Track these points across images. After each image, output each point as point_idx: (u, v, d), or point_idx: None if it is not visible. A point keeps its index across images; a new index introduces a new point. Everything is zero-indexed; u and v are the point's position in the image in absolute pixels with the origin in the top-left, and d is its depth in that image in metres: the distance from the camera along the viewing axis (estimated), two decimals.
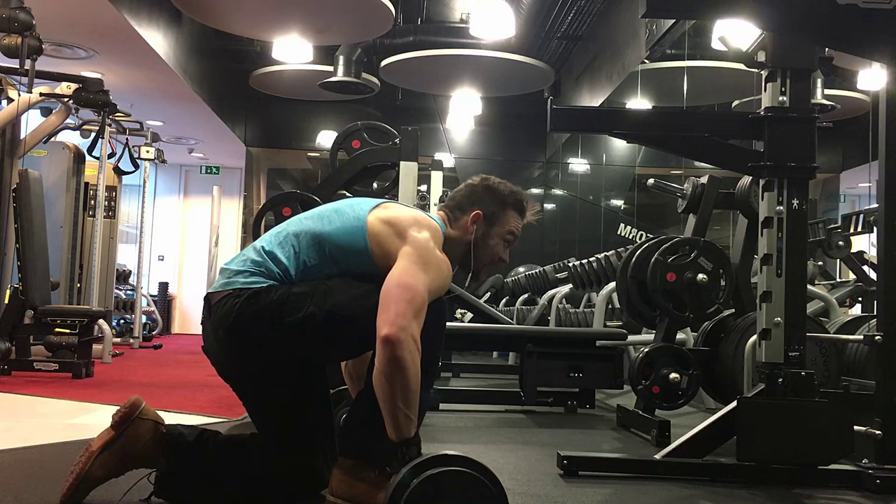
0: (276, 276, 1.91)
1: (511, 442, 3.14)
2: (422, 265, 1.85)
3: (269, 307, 1.87)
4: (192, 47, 7.96)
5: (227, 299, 1.90)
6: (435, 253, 1.91)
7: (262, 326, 1.88)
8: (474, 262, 2.11)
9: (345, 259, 1.93)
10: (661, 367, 3.28)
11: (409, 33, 7.73)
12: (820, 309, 4.30)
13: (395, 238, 1.90)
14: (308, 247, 1.94)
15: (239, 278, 1.92)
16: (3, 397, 3.98)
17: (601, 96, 7.64)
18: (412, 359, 1.72)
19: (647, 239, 3.83)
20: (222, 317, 1.90)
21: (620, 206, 9.79)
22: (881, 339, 2.44)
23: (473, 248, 2.09)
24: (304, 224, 1.99)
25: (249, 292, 1.88)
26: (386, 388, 1.72)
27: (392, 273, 1.83)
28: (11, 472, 2.31)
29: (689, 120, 3.17)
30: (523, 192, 2.16)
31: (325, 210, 2.03)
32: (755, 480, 2.46)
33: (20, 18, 4.69)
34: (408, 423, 1.73)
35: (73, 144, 7.06)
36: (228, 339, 1.91)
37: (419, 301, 1.79)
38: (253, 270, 1.93)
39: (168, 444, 1.97)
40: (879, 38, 2.44)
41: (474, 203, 2.09)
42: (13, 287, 5.19)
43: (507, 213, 2.11)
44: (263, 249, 1.97)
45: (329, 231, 1.95)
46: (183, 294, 11.80)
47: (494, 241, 2.11)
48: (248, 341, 1.91)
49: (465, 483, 1.59)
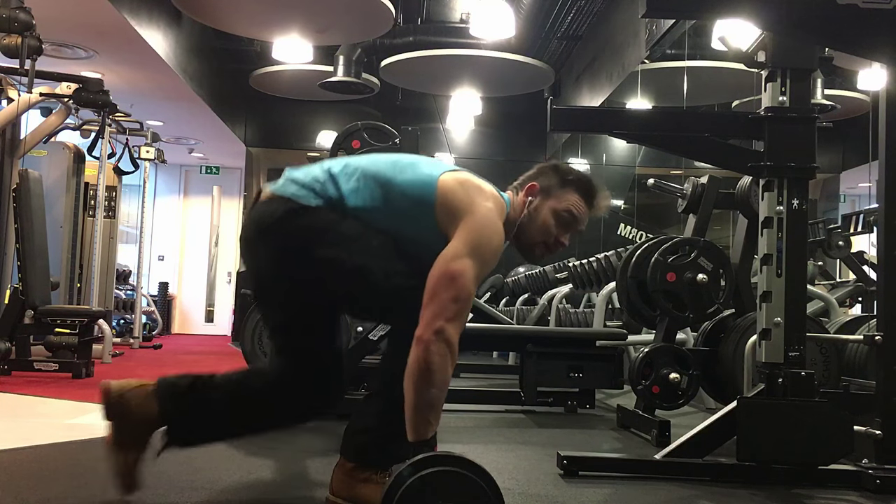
0: (330, 199, 1.89)
1: (511, 442, 3.14)
2: (476, 246, 1.80)
3: (308, 229, 1.85)
4: (192, 47, 7.96)
5: (275, 201, 1.89)
6: (495, 225, 1.86)
7: (293, 243, 1.87)
8: (523, 234, 2.03)
9: (406, 210, 1.89)
10: (661, 367, 3.28)
11: (409, 33, 7.73)
12: (820, 309, 4.30)
13: (463, 199, 1.86)
14: (373, 188, 1.90)
15: (293, 187, 1.90)
16: (3, 397, 3.98)
17: (601, 96, 7.63)
18: (441, 363, 1.71)
19: (647, 239, 3.83)
20: (261, 215, 1.90)
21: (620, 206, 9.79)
22: (881, 339, 2.44)
23: (523, 220, 2.02)
24: (377, 165, 1.95)
25: (298, 205, 1.87)
26: (412, 386, 1.72)
27: (446, 253, 1.79)
28: (11, 472, 2.31)
29: (689, 120, 3.17)
30: (592, 179, 2.08)
31: (402, 160, 1.98)
32: (755, 480, 2.46)
33: (20, 18, 4.69)
34: (426, 426, 1.73)
35: (73, 144, 7.06)
36: (257, 238, 1.92)
37: (465, 296, 1.75)
38: (311, 185, 1.90)
39: (160, 395, 1.96)
40: (879, 38, 2.44)
41: (536, 178, 2.05)
42: (13, 287, 5.19)
43: (565, 190, 2.03)
44: (330, 171, 1.94)
45: (400, 180, 1.91)
46: (183, 294, 11.80)
47: (546, 215, 2.02)
48: (274, 250, 1.90)
49: (460, 483, 1.59)
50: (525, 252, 2.08)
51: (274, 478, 2.38)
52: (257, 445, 1.86)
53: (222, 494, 2.09)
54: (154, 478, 2.22)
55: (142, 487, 1.97)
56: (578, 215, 2.04)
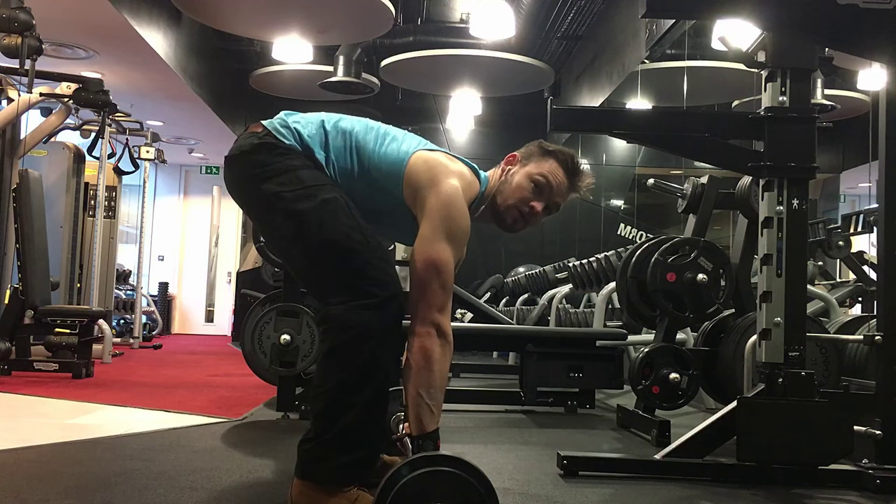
0: (309, 147, 1.91)
1: (511, 442, 3.14)
2: (446, 228, 1.83)
3: (266, 163, 1.88)
4: (192, 47, 7.96)
5: (256, 134, 1.93)
6: (457, 203, 1.87)
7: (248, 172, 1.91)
8: (500, 198, 2.03)
9: (378, 181, 1.93)
10: (661, 367, 3.28)
11: (409, 33, 7.73)
12: (820, 309, 4.30)
13: (425, 177, 1.89)
14: (353, 152, 1.94)
15: (280, 124, 1.95)
16: (3, 397, 3.98)
17: (601, 96, 7.63)
18: (441, 355, 1.76)
19: (647, 239, 3.83)
20: (240, 143, 1.95)
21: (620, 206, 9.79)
22: (881, 339, 2.44)
23: (499, 185, 2.04)
24: (364, 133, 1.97)
25: (271, 141, 1.90)
26: (412, 379, 1.75)
27: (422, 239, 1.83)
28: (12, 472, 2.30)
29: (689, 120, 3.16)
30: (575, 156, 2.09)
31: (388, 133, 2.00)
32: (755, 480, 2.46)
33: (20, 18, 4.69)
34: (430, 417, 1.75)
35: (73, 144, 7.06)
36: (228, 162, 1.96)
37: (450, 283, 1.81)
38: (297, 129, 1.93)
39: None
40: (879, 38, 2.44)
41: (517, 151, 2.09)
42: (13, 287, 5.19)
43: (543, 157, 2.04)
44: (324, 124, 1.97)
45: (377, 151, 1.94)
46: (183, 294, 11.80)
47: (521, 178, 2.03)
48: (237, 176, 1.95)
49: (454, 484, 1.58)
50: (498, 218, 2.07)
51: (274, 478, 2.38)
52: (257, 445, 1.85)
53: (222, 494, 2.09)
54: (154, 478, 2.22)
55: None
56: (554, 182, 2.04)
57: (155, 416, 3.54)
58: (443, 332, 1.78)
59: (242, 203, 1.99)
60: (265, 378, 4.08)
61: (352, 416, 1.76)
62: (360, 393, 1.77)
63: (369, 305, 1.78)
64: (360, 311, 1.78)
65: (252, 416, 3.51)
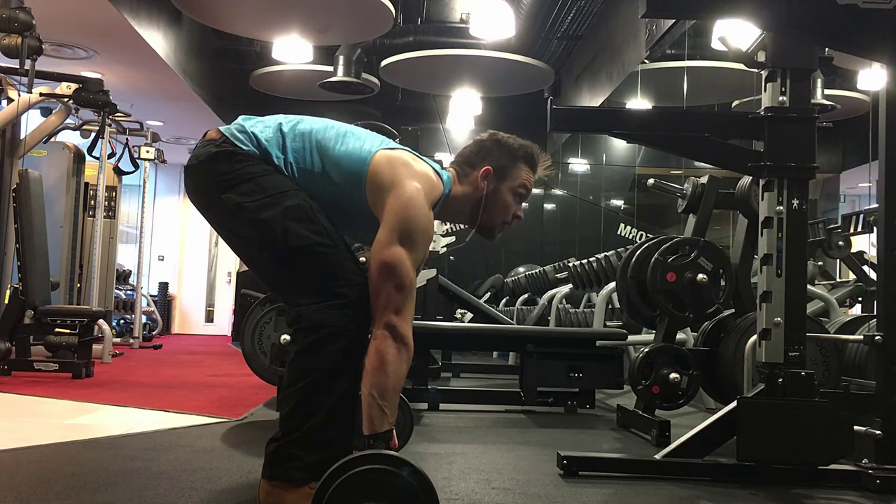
0: (267, 152, 1.90)
1: (511, 442, 3.14)
2: (403, 230, 1.82)
3: (226, 172, 1.87)
4: (192, 47, 7.96)
5: (215, 142, 1.91)
6: (418, 205, 1.86)
7: (209, 181, 1.90)
8: (486, 218, 2.07)
9: (339, 182, 1.91)
10: (661, 367, 3.28)
11: (409, 33, 7.73)
12: (820, 309, 4.30)
13: (387, 178, 1.88)
14: (314, 153, 1.93)
15: (237, 129, 1.94)
16: (3, 397, 3.98)
17: (601, 96, 7.63)
18: (395, 358, 1.75)
19: (647, 239, 3.83)
20: (198, 152, 1.93)
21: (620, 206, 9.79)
22: (881, 339, 2.44)
23: (485, 204, 2.05)
24: (324, 132, 1.96)
25: (229, 149, 1.89)
26: (367, 379, 1.75)
27: (377, 242, 1.82)
28: (11, 472, 2.30)
29: (689, 120, 3.16)
30: (534, 146, 2.12)
31: (349, 132, 1.99)
32: (755, 480, 2.46)
33: (20, 18, 4.69)
34: (381, 417, 1.73)
35: (73, 144, 7.06)
36: (187, 172, 1.95)
37: (407, 284, 1.80)
38: (254, 133, 1.92)
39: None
40: (879, 38, 2.44)
41: (484, 158, 2.07)
42: (13, 287, 5.19)
43: (517, 167, 2.07)
44: (280, 127, 1.96)
45: (338, 151, 1.92)
46: (183, 294, 11.81)
47: (506, 196, 2.07)
48: (196, 185, 1.94)
49: (388, 481, 1.57)
50: (486, 233, 2.12)
51: None
52: (257, 445, 1.85)
53: (222, 494, 2.09)
54: (154, 478, 2.22)
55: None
56: (531, 187, 2.11)
57: (155, 416, 3.54)
58: (399, 335, 1.77)
59: (204, 211, 1.97)
60: (265, 378, 4.09)
61: (321, 415, 1.76)
62: (329, 393, 1.77)
63: (340, 305, 1.79)
64: (331, 311, 1.79)
65: (252, 416, 3.51)
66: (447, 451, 2.81)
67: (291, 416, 1.79)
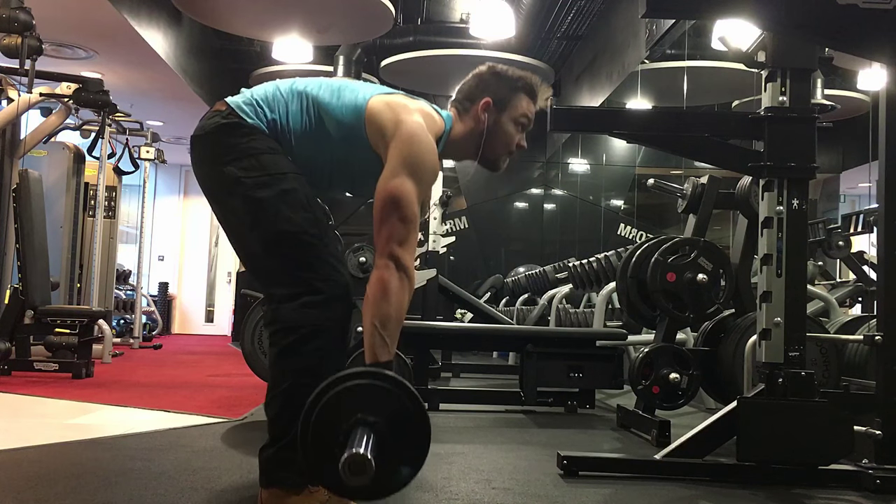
0: (272, 122, 1.90)
1: (511, 442, 3.14)
2: (409, 164, 1.82)
3: (228, 145, 1.87)
4: (192, 47, 7.96)
5: (220, 113, 1.91)
6: (423, 138, 1.87)
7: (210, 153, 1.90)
8: (489, 151, 2.07)
9: (342, 135, 1.91)
10: (661, 367, 3.28)
11: (409, 33, 7.73)
12: (820, 309, 4.30)
13: (389, 118, 1.88)
14: (312, 112, 1.92)
15: (244, 101, 1.93)
16: (3, 397, 3.98)
17: (601, 96, 7.64)
18: (398, 287, 1.74)
19: (647, 239, 3.83)
20: (203, 124, 1.93)
21: (620, 206, 9.80)
22: (881, 339, 2.44)
23: (486, 136, 2.05)
24: (319, 90, 1.96)
25: (235, 121, 1.88)
26: (369, 309, 1.74)
27: (383, 176, 1.82)
28: (11, 472, 2.30)
29: (689, 120, 3.16)
30: (534, 76, 2.12)
31: (343, 86, 1.99)
32: (755, 480, 2.46)
33: (20, 18, 4.69)
34: (382, 347, 1.72)
35: (73, 144, 7.06)
36: (192, 142, 1.95)
37: (411, 216, 1.79)
38: (259, 104, 1.92)
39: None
40: (879, 38, 2.44)
41: (483, 91, 2.06)
42: (13, 287, 5.19)
43: (518, 97, 2.07)
44: (279, 90, 1.95)
45: (335, 105, 1.92)
46: (183, 294, 11.81)
47: (507, 126, 2.06)
48: (199, 156, 1.94)
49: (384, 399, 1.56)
50: (491, 165, 2.12)
51: None
52: (257, 445, 1.85)
53: (222, 494, 2.09)
54: (154, 478, 2.22)
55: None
56: (532, 117, 2.10)
57: (155, 416, 3.54)
58: (402, 265, 1.76)
59: (203, 182, 1.97)
60: (265, 378, 4.07)
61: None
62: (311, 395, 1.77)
63: (315, 303, 1.79)
64: (306, 310, 1.78)
65: (252, 416, 3.51)
66: (447, 451, 2.81)
67: (277, 420, 1.79)
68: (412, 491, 2.16)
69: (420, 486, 2.22)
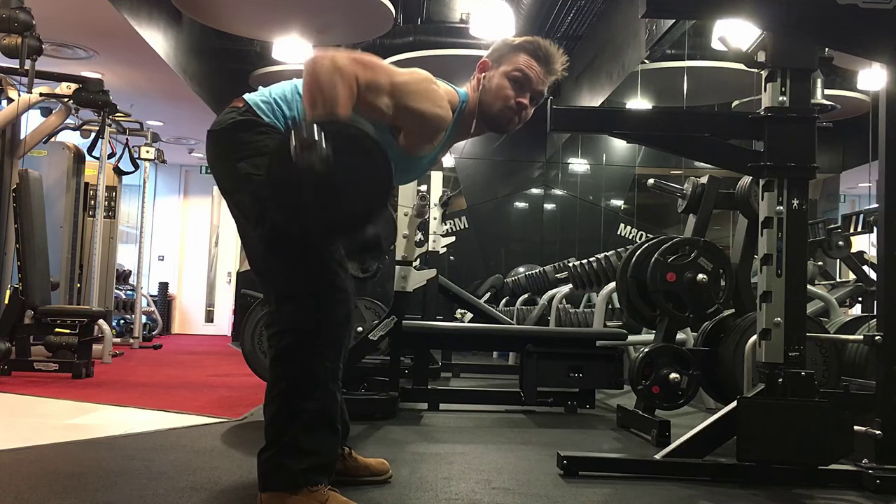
0: (285, 120, 1.90)
1: (511, 442, 3.14)
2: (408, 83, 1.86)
3: (242, 142, 1.88)
4: (192, 47, 7.96)
5: (237, 109, 1.93)
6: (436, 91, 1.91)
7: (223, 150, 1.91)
8: (486, 106, 2.05)
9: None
10: (661, 367, 3.28)
11: (409, 33, 7.73)
12: (820, 309, 4.30)
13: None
14: None
15: (261, 99, 1.94)
16: (3, 397, 3.98)
17: (601, 96, 7.64)
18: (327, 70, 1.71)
19: (647, 239, 3.83)
20: (220, 119, 1.95)
21: (620, 206, 9.80)
22: (881, 339, 2.44)
23: (481, 93, 2.05)
24: None
25: (250, 118, 1.89)
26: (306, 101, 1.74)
27: None
28: (11, 472, 2.30)
29: (689, 120, 3.16)
30: (546, 41, 2.08)
31: None
32: (755, 480, 2.46)
33: (20, 18, 4.69)
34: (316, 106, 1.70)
35: (73, 144, 7.06)
36: (208, 137, 1.96)
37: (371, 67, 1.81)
38: (276, 102, 1.93)
39: None
40: (879, 38, 2.44)
41: (489, 56, 2.08)
42: (13, 287, 5.19)
43: (515, 54, 2.05)
44: (297, 90, 1.96)
45: None
46: (183, 294, 11.81)
47: (498, 80, 2.03)
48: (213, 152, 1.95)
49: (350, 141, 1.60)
50: (492, 123, 2.09)
51: None
52: (257, 445, 1.85)
53: (222, 494, 2.08)
54: (154, 478, 2.22)
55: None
56: (529, 73, 2.05)
57: (155, 416, 3.54)
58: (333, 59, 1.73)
59: (217, 177, 1.98)
60: (265, 378, 4.07)
61: (302, 421, 1.76)
62: (308, 397, 1.76)
63: (315, 306, 1.79)
64: (304, 313, 1.78)
65: (252, 416, 3.51)
66: (447, 451, 2.81)
67: (273, 423, 1.79)
68: (412, 491, 2.16)
69: (420, 486, 2.22)
